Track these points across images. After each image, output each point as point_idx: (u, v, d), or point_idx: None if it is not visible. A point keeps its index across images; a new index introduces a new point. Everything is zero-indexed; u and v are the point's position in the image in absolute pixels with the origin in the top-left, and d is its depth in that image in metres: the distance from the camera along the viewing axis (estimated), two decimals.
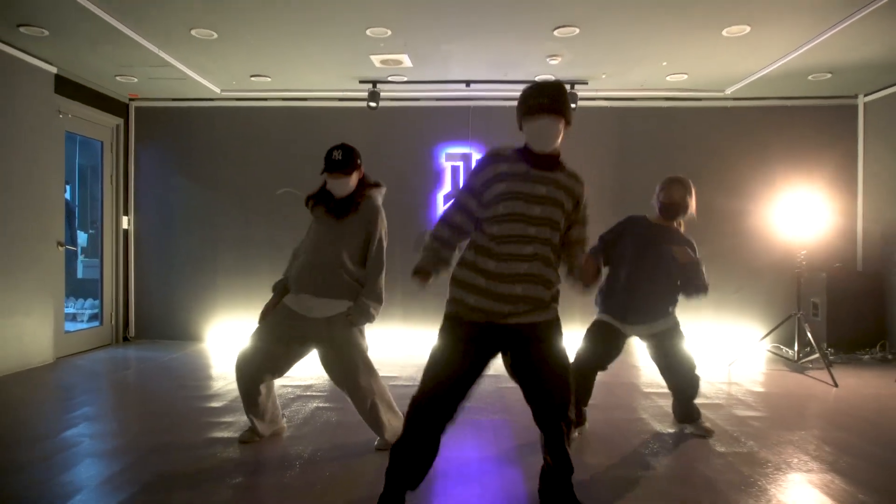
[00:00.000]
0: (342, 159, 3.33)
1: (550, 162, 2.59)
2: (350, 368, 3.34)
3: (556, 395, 2.48)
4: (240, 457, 3.36)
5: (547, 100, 2.50)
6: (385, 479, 2.52)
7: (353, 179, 3.40)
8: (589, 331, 3.72)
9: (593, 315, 3.82)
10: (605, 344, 3.64)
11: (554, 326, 2.54)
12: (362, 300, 3.33)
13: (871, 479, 3.06)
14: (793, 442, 3.64)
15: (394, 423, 3.43)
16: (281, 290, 3.50)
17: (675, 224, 3.77)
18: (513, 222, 2.45)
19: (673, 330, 3.69)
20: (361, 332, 3.45)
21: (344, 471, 3.16)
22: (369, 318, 3.36)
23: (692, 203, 3.72)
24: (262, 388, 3.47)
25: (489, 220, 2.49)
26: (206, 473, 3.12)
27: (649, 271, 3.61)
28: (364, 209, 3.39)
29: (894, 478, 3.10)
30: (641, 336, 3.71)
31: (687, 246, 3.66)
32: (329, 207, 3.40)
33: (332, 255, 3.32)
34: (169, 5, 4.50)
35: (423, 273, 2.59)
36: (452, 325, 2.50)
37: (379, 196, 3.53)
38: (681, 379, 3.71)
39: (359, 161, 3.43)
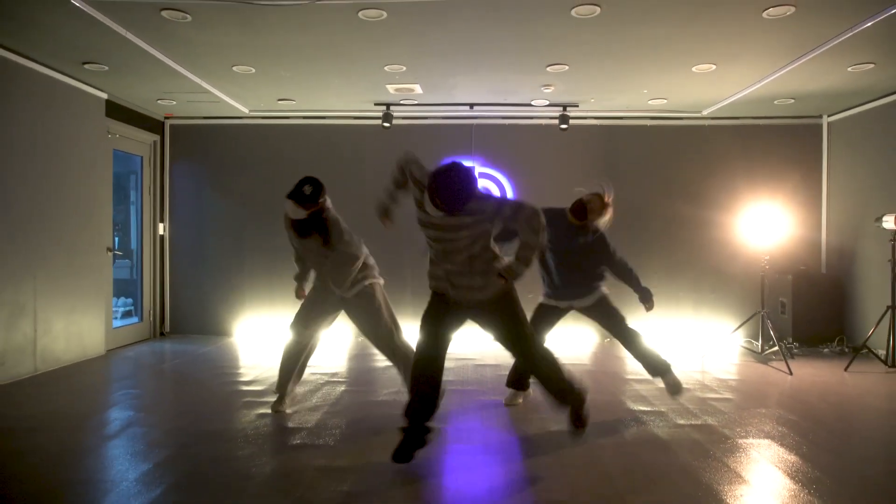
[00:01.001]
0: (311, 195, 4.16)
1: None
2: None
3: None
4: (285, 426, 4.13)
5: (442, 204, 3.23)
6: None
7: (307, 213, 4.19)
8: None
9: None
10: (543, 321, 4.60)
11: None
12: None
13: (809, 453, 3.83)
14: (744, 419, 4.41)
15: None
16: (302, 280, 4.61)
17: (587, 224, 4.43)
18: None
19: (601, 302, 4.57)
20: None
21: (377, 436, 3.92)
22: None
23: (607, 213, 4.44)
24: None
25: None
26: (258, 443, 3.89)
27: (570, 260, 4.46)
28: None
29: (830, 452, 3.87)
30: (578, 310, 4.63)
31: (597, 239, 4.47)
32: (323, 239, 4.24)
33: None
34: (216, 46, 5.26)
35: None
36: None
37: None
38: (625, 336, 4.58)
39: (321, 199, 4.25)
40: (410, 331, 4.02)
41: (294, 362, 4.47)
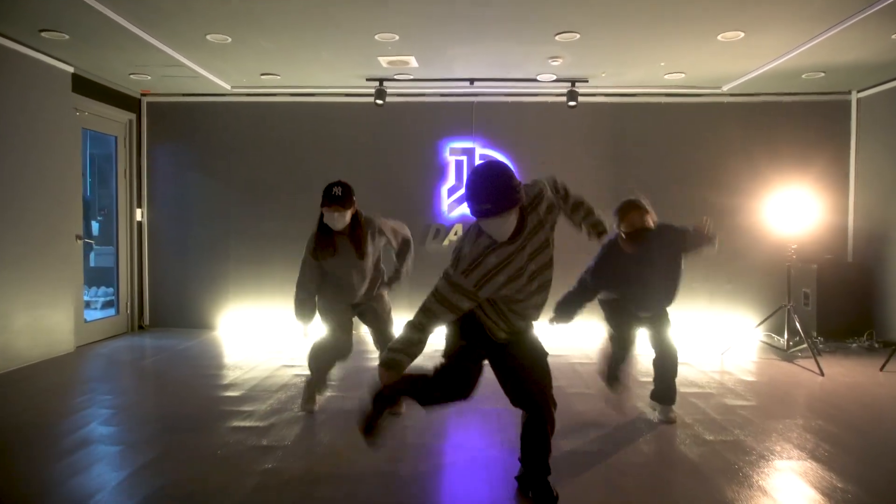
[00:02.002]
0: (342, 195, 3.75)
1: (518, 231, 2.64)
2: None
3: None
4: (262, 444, 3.63)
5: (490, 205, 2.46)
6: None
7: (349, 214, 3.83)
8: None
9: None
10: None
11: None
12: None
13: (847, 467, 3.33)
14: (777, 430, 3.91)
15: None
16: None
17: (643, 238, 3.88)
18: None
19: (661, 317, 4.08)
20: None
21: (362, 455, 3.42)
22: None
23: (651, 215, 3.93)
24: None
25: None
26: (232, 462, 3.39)
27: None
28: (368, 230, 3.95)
29: (869, 466, 3.37)
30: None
31: (672, 238, 3.92)
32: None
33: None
34: (185, 13, 4.69)
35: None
36: None
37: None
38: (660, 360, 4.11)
39: (354, 198, 3.85)
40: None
41: (329, 363, 4.24)
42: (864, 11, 4.53)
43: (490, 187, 2.46)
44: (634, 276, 3.89)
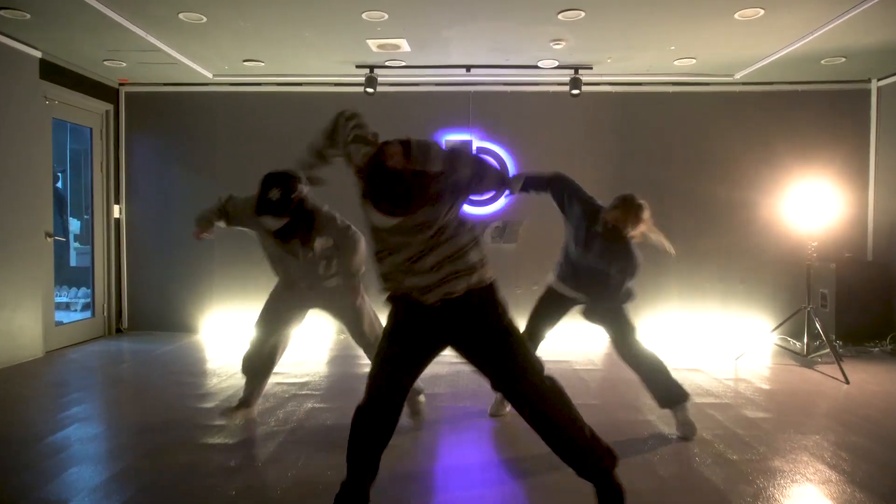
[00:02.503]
0: (283, 198, 3.27)
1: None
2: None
3: None
4: (230, 465, 3.22)
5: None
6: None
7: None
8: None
9: None
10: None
11: None
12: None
13: (892, 491, 2.92)
14: (807, 448, 3.50)
15: None
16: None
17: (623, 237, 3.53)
18: None
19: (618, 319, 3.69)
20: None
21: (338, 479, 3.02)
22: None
23: (638, 226, 3.52)
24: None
25: None
26: (200, 479, 2.98)
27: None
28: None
29: None
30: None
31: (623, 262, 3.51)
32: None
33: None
34: None
35: None
36: None
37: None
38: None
39: (293, 195, 3.33)
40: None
41: (262, 365, 3.81)
42: None
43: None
44: (594, 253, 3.57)
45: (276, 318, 3.76)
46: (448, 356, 2.70)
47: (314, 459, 3.28)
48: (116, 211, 6.98)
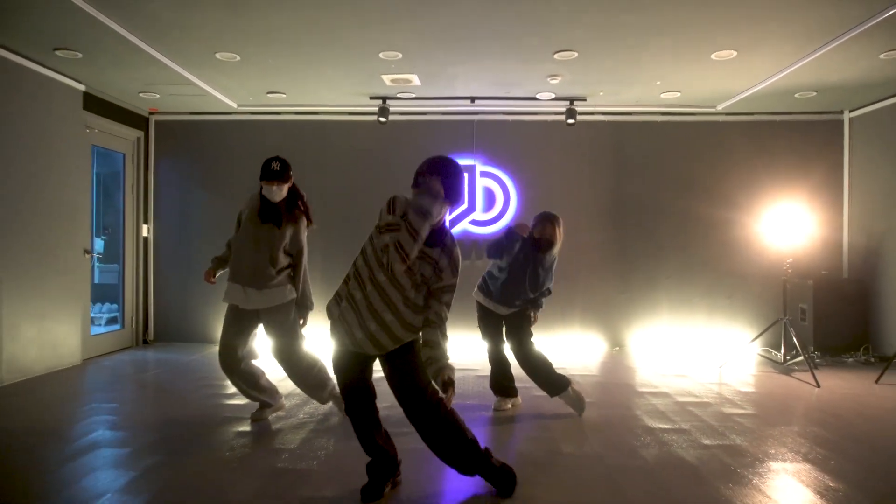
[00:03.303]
0: (280, 170, 4.08)
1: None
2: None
3: None
4: (268, 447, 3.70)
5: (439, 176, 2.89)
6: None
7: (286, 188, 4.15)
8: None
9: None
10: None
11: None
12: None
13: (840, 469, 3.40)
14: (773, 436, 3.98)
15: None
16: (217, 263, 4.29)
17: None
18: None
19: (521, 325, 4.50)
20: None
21: (364, 459, 3.49)
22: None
23: (559, 237, 4.41)
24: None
25: None
26: (237, 463, 3.46)
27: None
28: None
29: (860, 468, 3.44)
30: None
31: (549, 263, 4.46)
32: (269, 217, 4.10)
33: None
34: (196, 32, 4.85)
35: None
36: None
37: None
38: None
39: (291, 173, 4.18)
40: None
41: (248, 378, 4.23)
42: (852, 31, 4.69)
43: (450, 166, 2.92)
44: (521, 266, 4.37)
45: (234, 339, 4.14)
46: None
47: (342, 444, 3.77)
48: (145, 230, 7.51)
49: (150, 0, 4.24)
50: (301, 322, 4.19)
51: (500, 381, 4.60)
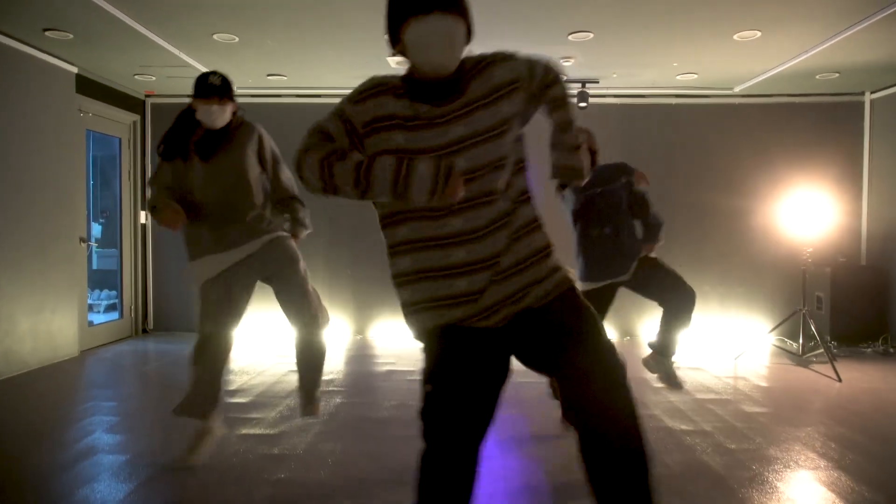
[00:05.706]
0: (221, 84, 3.09)
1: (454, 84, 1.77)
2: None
3: None
4: (273, 453, 3.54)
5: None
6: None
7: (229, 110, 3.19)
8: None
9: None
10: None
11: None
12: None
13: (876, 477, 3.23)
14: (800, 439, 3.81)
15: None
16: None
17: None
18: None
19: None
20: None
21: (376, 466, 3.33)
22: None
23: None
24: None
25: None
26: (243, 472, 3.30)
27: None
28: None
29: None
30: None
31: None
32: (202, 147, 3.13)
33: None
34: (193, 12, 4.61)
35: None
36: None
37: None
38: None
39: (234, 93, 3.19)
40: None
41: (215, 372, 3.36)
42: (883, 11, 4.45)
43: None
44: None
45: (220, 308, 3.36)
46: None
47: (351, 447, 3.60)
48: (143, 217, 7.30)
49: None
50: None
51: None
